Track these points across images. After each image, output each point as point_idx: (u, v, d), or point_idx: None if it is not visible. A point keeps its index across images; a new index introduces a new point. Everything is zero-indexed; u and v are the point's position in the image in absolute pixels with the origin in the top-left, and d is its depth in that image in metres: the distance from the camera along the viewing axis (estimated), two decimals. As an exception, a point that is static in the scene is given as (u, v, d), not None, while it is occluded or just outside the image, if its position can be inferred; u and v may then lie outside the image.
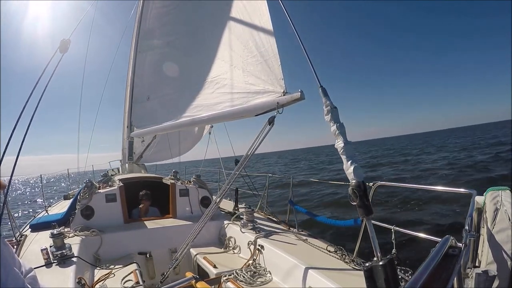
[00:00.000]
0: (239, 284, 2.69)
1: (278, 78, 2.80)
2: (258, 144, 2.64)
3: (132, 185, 4.63)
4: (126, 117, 6.17)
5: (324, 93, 2.20)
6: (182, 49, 4.57)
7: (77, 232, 3.50)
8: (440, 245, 1.34)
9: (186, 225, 3.95)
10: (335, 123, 2.09)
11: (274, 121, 2.59)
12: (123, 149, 7.62)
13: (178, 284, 2.11)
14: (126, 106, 6.39)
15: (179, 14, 4.76)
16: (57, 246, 2.78)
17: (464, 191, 2.19)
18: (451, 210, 8.24)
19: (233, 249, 3.63)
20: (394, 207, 9.60)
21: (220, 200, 3.05)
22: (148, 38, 5.39)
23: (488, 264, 1.82)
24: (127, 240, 3.62)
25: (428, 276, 1.06)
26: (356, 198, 1.84)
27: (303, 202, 10.84)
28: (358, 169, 1.93)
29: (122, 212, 4.04)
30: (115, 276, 2.85)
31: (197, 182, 4.60)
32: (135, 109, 5.46)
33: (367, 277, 1.51)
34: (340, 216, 8.74)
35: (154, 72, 5.17)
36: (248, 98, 3.07)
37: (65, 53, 2.66)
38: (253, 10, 3.21)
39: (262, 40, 3.02)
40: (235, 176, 2.93)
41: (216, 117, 3.45)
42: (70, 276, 2.45)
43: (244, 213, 3.88)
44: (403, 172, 18.22)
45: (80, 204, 3.81)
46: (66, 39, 2.68)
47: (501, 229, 1.82)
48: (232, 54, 3.45)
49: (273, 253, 3.01)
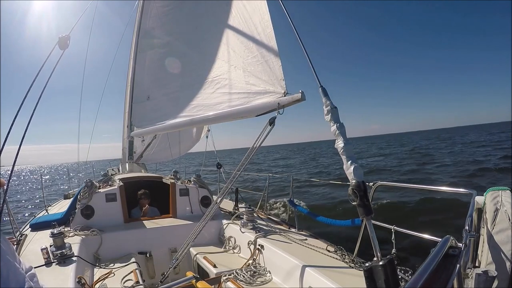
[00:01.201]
0: (239, 283, 2.69)
1: (279, 79, 2.80)
2: (259, 144, 2.64)
3: (132, 185, 4.63)
4: (126, 117, 6.18)
5: (324, 93, 2.21)
6: (183, 49, 4.57)
7: (77, 231, 3.50)
8: (440, 245, 1.34)
9: (186, 225, 3.95)
10: (335, 123, 2.09)
11: (275, 121, 2.59)
12: (123, 149, 7.63)
13: (179, 283, 2.12)
14: (126, 105, 6.39)
15: (179, 14, 4.76)
16: (57, 245, 2.79)
17: (464, 191, 2.19)
18: (451, 210, 8.23)
19: (233, 249, 3.64)
20: (394, 206, 9.61)
21: (221, 200, 3.06)
22: (148, 38, 5.40)
23: (488, 264, 1.82)
24: (127, 239, 3.62)
25: (428, 276, 1.06)
26: (356, 198, 1.84)
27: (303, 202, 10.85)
28: (358, 169, 1.93)
29: (122, 211, 4.05)
30: (115, 275, 2.85)
31: (197, 181, 4.60)
32: (135, 109, 5.46)
33: (367, 277, 1.52)
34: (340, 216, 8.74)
35: (154, 72, 5.17)
36: (249, 98, 3.07)
37: (66, 49, 2.65)
38: (253, 10, 3.21)
39: (263, 40, 3.02)
40: (236, 176, 2.93)
41: (217, 117, 3.45)
42: (70, 275, 2.45)
43: (244, 213, 3.88)
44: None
45: (80, 204, 3.82)
46: (65, 35, 2.67)
47: (501, 230, 1.82)
48: (233, 54, 3.45)
49: (273, 253, 3.01)
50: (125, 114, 6.65)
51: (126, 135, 6.33)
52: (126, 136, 6.22)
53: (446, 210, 8.38)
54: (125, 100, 6.89)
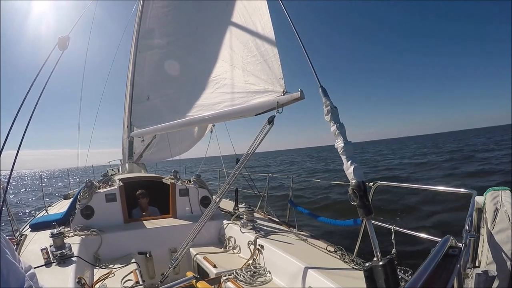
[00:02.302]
0: (239, 284, 2.69)
1: (278, 78, 2.80)
2: (258, 143, 2.64)
3: (132, 185, 4.63)
4: (126, 117, 6.18)
5: (324, 93, 2.20)
6: (182, 49, 4.57)
7: (77, 231, 3.50)
8: (440, 245, 1.34)
9: (186, 225, 3.95)
10: (335, 123, 2.09)
11: (274, 120, 2.59)
12: (123, 149, 7.62)
13: (179, 283, 2.11)
14: (126, 105, 6.39)
15: (179, 14, 4.76)
16: (57, 245, 2.78)
17: (464, 191, 2.19)
18: (451, 210, 8.23)
19: (233, 249, 3.63)
20: (394, 206, 9.60)
21: (220, 200, 3.05)
22: (148, 38, 5.40)
23: (488, 264, 1.82)
24: (127, 240, 3.62)
25: (428, 276, 1.05)
26: (356, 198, 1.84)
27: (303, 201, 10.84)
28: (358, 169, 1.92)
29: (122, 212, 4.04)
30: (115, 275, 2.85)
31: (197, 181, 4.60)
32: (135, 109, 5.46)
33: (367, 277, 1.51)
34: (339, 215, 8.73)
35: (154, 72, 5.17)
36: (248, 97, 3.07)
37: (65, 50, 2.65)
38: (253, 10, 3.21)
39: (262, 39, 3.02)
40: (235, 176, 2.92)
41: (216, 116, 3.45)
42: (70, 275, 2.45)
43: (244, 213, 3.88)
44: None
45: (80, 204, 3.81)
46: (64, 36, 2.67)
47: (501, 229, 1.82)
48: (232, 54, 3.45)
49: (273, 253, 3.01)
50: (125, 114, 6.64)
51: (126, 135, 6.33)
52: (126, 136, 6.22)
53: (446, 210, 8.38)
54: (125, 100, 6.89)
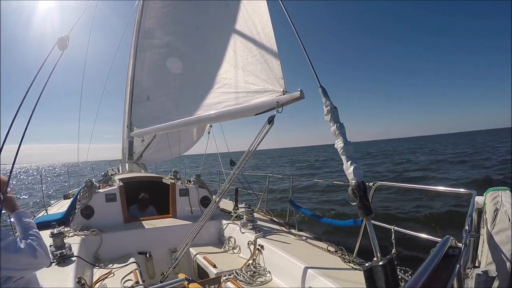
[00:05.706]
0: (239, 284, 2.69)
1: (277, 78, 2.80)
2: (257, 143, 2.64)
3: (132, 185, 4.63)
4: (126, 117, 6.18)
5: (324, 93, 2.20)
6: (182, 49, 4.57)
7: (77, 231, 3.50)
8: (440, 245, 1.34)
9: (186, 225, 3.95)
10: (335, 123, 2.09)
11: (273, 120, 2.59)
12: (123, 149, 7.63)
13: (169, 284, 2.10)
14: (126, 105, 6.39)
15: (179, 15, 4.76)
16: (57, 245, 2.79)
17: (464, 191, 2.19)
18: (451, 210, 8.23)
19: (233, 249, 3.63)
20: (394, 206, 9.60)
21: (219, 200, 3.05)
22: (148, 38, 5.39)
23: (488, 264, 1.82)
24: (127, 239, 3.62)
25: (428, 276, 1.05)
26: (356, 198, 1.84)
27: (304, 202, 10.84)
28: (358, 169, 1.92)
29: (122, 211, 4.04)
30: (115, 275, 2.84)
31: (197, 182, 4.60)
32: (135, 109, 5.46)
33: (367, 277, 1.51)
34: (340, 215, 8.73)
35: (154, 72, 5.17)
36: (248, 97, 3.07)
37: (65, 49, 2.64)
38: (253, 10, 3.21)
39: (262, 39, 3.02)
40: (235, 176, 2.92)
41: (216, 116, 3.45)
42: (70, 275, 2.45)
43: (244, 213, 3.88)
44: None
45: (80, 204, 3.81)
46: (64, 36, 2.66)
47: (501, 230, 1.81)
48: (232, 54, 3.45)
49: (273, 253, 3.01)
50: (125, 114, 6.65)
51: (126, 135, 6.33)
52: (126, 136, 6.22)
53: (446, 210, 8.39)
54: (125, 100, 6.89)
